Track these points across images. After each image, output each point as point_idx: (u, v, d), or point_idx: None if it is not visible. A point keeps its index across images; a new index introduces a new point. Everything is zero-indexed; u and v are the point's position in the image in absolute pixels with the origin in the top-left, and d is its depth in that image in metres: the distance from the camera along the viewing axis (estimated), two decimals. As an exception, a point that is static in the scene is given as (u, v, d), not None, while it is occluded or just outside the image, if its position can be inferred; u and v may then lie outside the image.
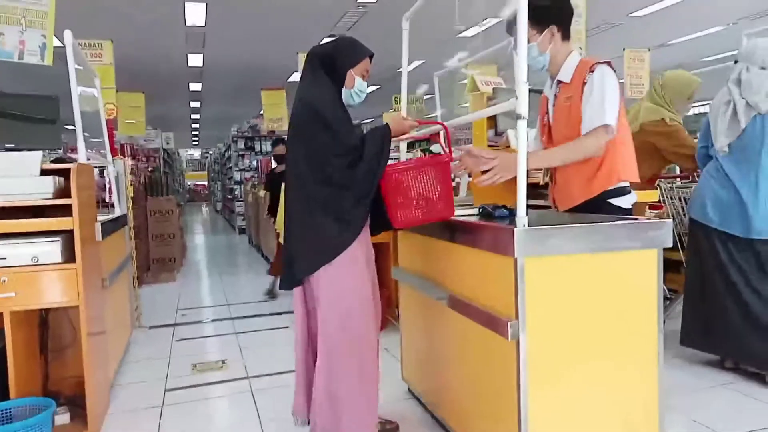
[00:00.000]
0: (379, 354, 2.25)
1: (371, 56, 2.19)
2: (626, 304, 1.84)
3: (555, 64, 2.23)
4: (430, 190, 2.05)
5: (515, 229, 1.68)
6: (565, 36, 2.21)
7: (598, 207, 2.14)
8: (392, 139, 2.12)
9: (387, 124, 2.14)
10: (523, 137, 1.74)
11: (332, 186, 2.01)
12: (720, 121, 2.85)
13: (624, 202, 2.18)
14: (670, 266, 3.52)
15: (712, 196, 2.90)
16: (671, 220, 1.92)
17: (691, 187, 3.48)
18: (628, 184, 2.19)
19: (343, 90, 2.15)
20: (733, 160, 2.84)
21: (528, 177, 1.75)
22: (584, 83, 2.12)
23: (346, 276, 2.07)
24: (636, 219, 1.90)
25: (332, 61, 2.13)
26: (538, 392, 1.73)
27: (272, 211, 5.79)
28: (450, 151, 2.10)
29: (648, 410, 1.88)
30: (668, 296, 3.83)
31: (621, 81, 6.21)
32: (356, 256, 2.08)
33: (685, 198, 3.43)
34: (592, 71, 2.11)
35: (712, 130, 2.93)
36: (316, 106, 2.04)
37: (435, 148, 5.55)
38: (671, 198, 3.47)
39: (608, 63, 2.13)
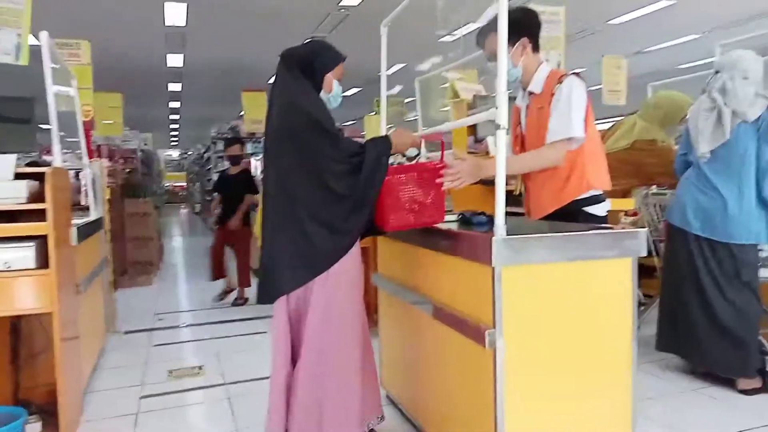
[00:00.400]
0: (372, 363, 2.25)
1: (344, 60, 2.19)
2: (602, 311, 1.86)
3: (526, 75, 2.28)
4: (423, 195, 2.07)
5: (493, 237, 1.69)
6: (535, 48, 2.27)
7: (574, 215, 2.18)
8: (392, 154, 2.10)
9: (388, 136, 2.12)
10: (502, 147, 1.76)
11: (329, 194, 1.97)
12: (702, 128, 2.89)
13: (598, 209, 2.22)
14: (644, 272, 3.58)
15: (693, 203, 2.95)
16: (646, 228, 1.95)
17: (665, 194, 3.54)
18: (601, 192, 2.23)
19: (322, 94, 2.14)
20: (716, 167, 2.89)
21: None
22: (552, 94, 2.17)
23: (338, 287, 2.03)
24: (611, 228, 1.93)
25: (310, 65, 2.10)
26: (514, 400, 1.74)
27: (224, 218, 5.42)
28: (442, 158, 2.10)
29: (621, 416, 1.91)
30: (643, 301, 3.90)
31: (598, 87, 6.27)
32: (348, 266, 2.05)
33: (660, 205, 3.49)
34: (561, 82, 2.16)
35: (692, 137, 2.97)
36: (311, 111, 2.00)
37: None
38: (647, 205, 3.53)
39: (577, 74, 2.18)
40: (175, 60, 11.00)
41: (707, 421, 2.60)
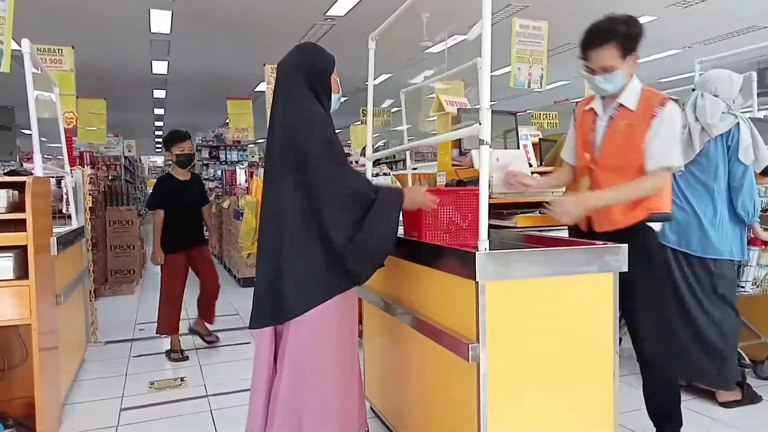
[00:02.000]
0: (358, 369, 2.23)
1: None
2: (584, 325, 1.88)
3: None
4: (461, 218, 2.15)
5: (477, 252, 1.70)
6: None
7: (634, 228, 2.19)
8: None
9: (402, 190, 2.10)
10: (485, 161, 1.77)
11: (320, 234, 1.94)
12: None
13: (656, 225, 2.25)
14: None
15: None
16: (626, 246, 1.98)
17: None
18: (667, 211, 2.27)
19: (333, 96, 2.11)
20: (689, 182, 2.94)
21: None
22: (653, 116, 2.13)
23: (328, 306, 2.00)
24: (594, 244, 1.95)
25: (314, 70, 2.05)
26: (497, 413, 1.74)
27: (180, 241, 4.00)
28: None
29: (604, 429, 1.92)
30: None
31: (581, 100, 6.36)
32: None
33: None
34: (664, 105, 2.13)
35: None
36: (323, 135, 1.96)
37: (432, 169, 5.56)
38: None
39: (676, 100, 2.18)
40: (159, 67, 10.94)
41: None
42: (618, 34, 2.12)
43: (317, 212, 1.94)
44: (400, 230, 2.50)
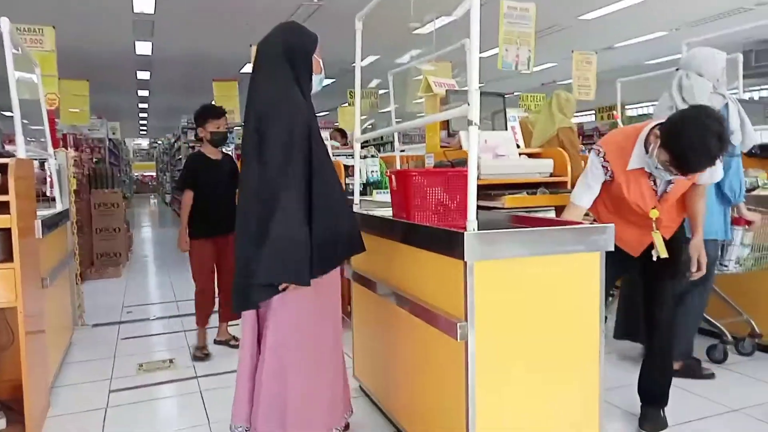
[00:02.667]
0: (342, 357, 2.24)
1: None
2: (570, 304, 1.91)
3: None
4: (449, 199, 2.17)
5: (465, 233, 1.71)
6: None
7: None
8: None
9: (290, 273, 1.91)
10: (474, 143, 1.77)
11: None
12: None
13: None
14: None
15: None
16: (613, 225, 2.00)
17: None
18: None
19: (314, 77, 2.07)
20: None
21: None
22: None
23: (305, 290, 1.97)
24: (581, 224, 1.97)
25: (293, 51, 2.00)
26: (485, 391, 1.77)
27: (212, 227, 3.57)
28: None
29: (589, 405, 1.96)
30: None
31: (568, 82, 6.35)
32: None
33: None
34: None
35: None
36: (291, 130, 1.90)
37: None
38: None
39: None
40: (143, 48, 10.74)
41: (673, 408, 2.67)
42: (718, 158, 2.14)
43: (269, 198, 1.90)
44: (389, 212, 2.51)
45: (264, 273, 1.86)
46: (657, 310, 2.48)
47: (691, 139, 2.05)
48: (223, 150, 3.82)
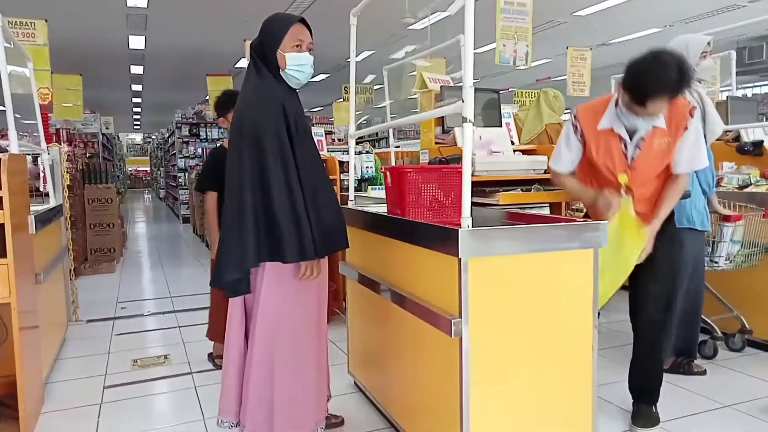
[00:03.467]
0: (326, 353, 2.24)
1: (303, 21, 2.04)
2: (564, 301, 1.92)
3: None
4: (444, 196, 2.17)
5: (460, 229, 1.72)
6: None
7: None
8: None
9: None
10: (468, 139, 1.77)
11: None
12: None
13: None
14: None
15: None
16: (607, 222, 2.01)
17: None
18: None
19: (281, 73, 2.01)
20: None
21: None
22: (685, 128, 2.25)
23: (288, 284, 2.01)
24: (574, 221, 1.98)
25: (262, 48, 2.01)
26: (479, 387, 1.78)
27: None
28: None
29: (583, 401, 1.97)
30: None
31: (563, 78, 6.37)
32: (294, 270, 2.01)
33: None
34: (693, 116, 2.26)
35: None
36: (260, 133, 1.93)
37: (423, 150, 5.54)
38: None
39: (695, 107, 2.29)
40: (137, 42, 10.69)
41: (665, 404, 2.70)
42: (678, 90, 2.14)
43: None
44: (384, 208, 2.52)
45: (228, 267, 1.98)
46: (638, 309, 2.49)
47: (647, 64, 2.13)
48: None
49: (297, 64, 2.00)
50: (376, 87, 10.60)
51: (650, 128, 2.25)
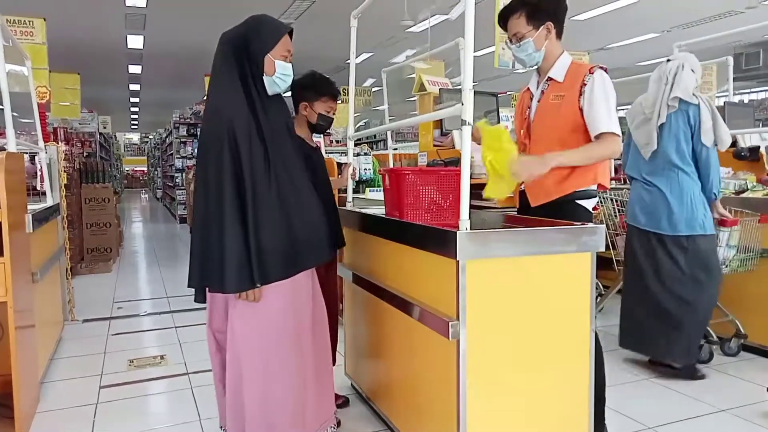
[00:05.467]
0: (323, 355, 2.22)
1: (290, 32, 2.00)
2: (562, 304, 1.92)
3: (547, 60, 2.24)
4: (442, 199, 2.17)
5: (458, 232, 1.72)
6: (559, 34, 2.24)
7: (566, 205, 2.17)
8: None
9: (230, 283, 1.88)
10: (467, 142, 1.78)
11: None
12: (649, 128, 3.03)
13: (589, 204, 2.23)
14: (602, 263, 3.69)
15: (638, 198, 3.06)
16: (604, 225, 2.02)
17: (622, 189, 3.66)
18: (595, 187, 2.23)
19: (264, 78, 1.95)
20: (654, 161, 2.99)
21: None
22: (584, 84, 2.13)
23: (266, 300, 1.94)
24: (572, 224, 1.98)
25: (246, 48, 1.92)
26: (476, 390, 1.78)
27: None
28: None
29: (579, 404, 1.98)
30: (601, 292, 4.03)
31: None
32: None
33: (616, 200, 3.60)
34: (593, 73, 2.13)
35: (644, 136, 3.07)
36: (219, 147, 1.85)
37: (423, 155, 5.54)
38: (604, 200, 3.64)
39: (605, 69, 2.16)
40: (135, 41, 10.68)
41: (661, 409, 2.72)
42: (526, 3, 2.18)
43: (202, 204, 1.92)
44: (382, 210, 2.52)
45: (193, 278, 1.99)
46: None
47: None
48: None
49: (283, 74, 1.98)
50: (375, 89, 10.62)
51: (547, 80, 2.24)
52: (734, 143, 4.01)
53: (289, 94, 2.24)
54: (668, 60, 3.03)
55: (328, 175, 2.75)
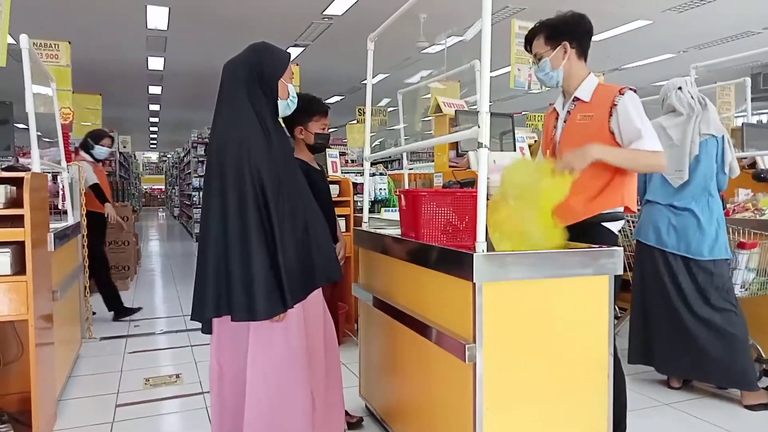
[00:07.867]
0: (333, 375, 2.22)
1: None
2: (579, 328, 1.90)
3: (571, 81, 2.23)
4: (458, 220, 2.16)
5: (474, 254, 1.72)
6: (581, 54, 2.23)
7: (592, 229, 2.15)
8: None
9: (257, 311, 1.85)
10: (483, 164, 1.79)
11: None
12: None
13: (615, 226, 2.22)
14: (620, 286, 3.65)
15: (666, 221, 3.03)
16: (621, 248, 2.00)
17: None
18: (622, 209, 2.22)
19: (279, 102, 2.01)
20: (686, 185, 2.98)
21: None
22: (614, 105, 2.12)
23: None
24: (590, 248, 1.97)
25: (261, 73, 1.97)
26: (493, 413, 1.77)
27: None
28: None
29: (598, 429, 1.95)
30: (618, 315, 3.98)
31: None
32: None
33: (633, 221, 3.57)
34: (623, 94, 2.12)
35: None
36: (240, 173, 1.85)
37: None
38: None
39: (635, 90, 2.16)
40: (156, 63, 10.91)
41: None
42: (546, 25, 2.23)
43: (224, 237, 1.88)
44: (398, 231, 2.53)
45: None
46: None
47: None
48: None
49: (294, 96, 2.07)
50: (390, 109, 10.69)
51: (574, 100, 2.24)
52: (753, 164, 3.98)
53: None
54: (679, 89, 3.08)
55: (330, 196, 2.92)
